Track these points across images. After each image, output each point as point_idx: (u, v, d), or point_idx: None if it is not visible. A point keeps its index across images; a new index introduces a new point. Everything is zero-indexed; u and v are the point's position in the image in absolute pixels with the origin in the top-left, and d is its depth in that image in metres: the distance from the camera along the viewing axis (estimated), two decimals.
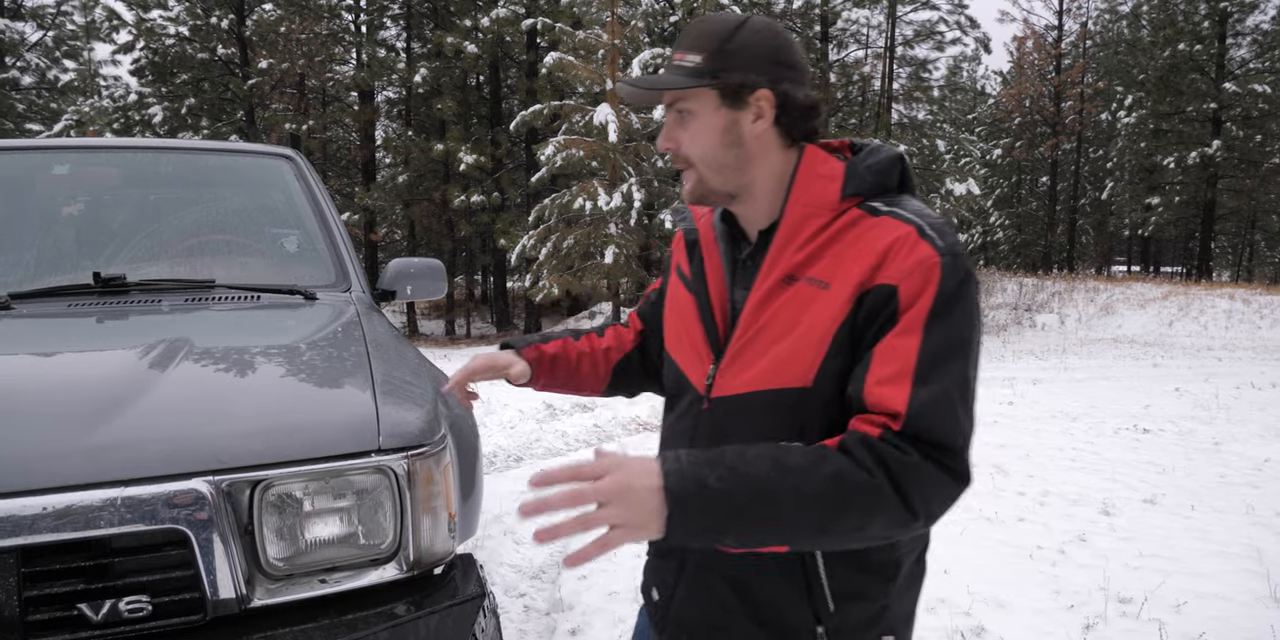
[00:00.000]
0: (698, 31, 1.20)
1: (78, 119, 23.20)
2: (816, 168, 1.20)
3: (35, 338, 1.88)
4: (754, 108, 1.17)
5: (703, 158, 1.20)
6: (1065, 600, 3.62)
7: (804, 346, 1.13)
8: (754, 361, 1.17)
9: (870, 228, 1.13)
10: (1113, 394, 9.55)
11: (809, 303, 1.14)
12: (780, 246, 1.17)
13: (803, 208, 1.18)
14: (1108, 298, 23.75)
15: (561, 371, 1.49)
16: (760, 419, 1.17)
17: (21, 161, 2.83)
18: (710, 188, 1.22)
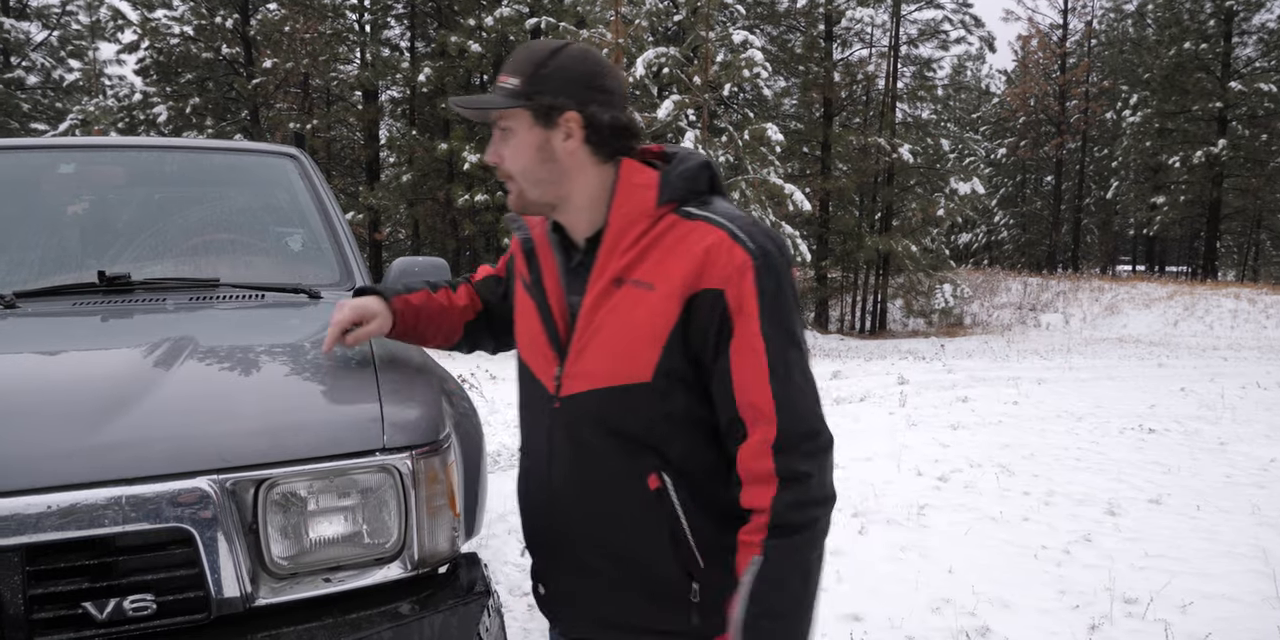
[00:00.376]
0: (518, 56, 1.32)
1: (83, 118, 23.24)
2: (633, 178, 1.32)
3: (40, 336, 1.88)
4: (564, 128, 1.30)
5: (521, 172, 1.33)
6: (1070, 600, 3.61)
7: (639, 345, 1.26)
8: (595, 360, 1.29)
9: (687, 232, 1.26)
10: (1118, 394, 9.53)
11: (637, 303, 1.26)
12: (607, 252, 1.30)
13: (623, 216, 1.29)
14: (1113, 297, 23.71)
15: (422, 323, 1.61)
16: (607, 414, 1.29)
17: (27, 160, 2.83)
18: (529, 199, 1.35)
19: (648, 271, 1.26)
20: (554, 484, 1.38)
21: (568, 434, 1.34)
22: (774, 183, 17.19)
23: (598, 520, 1.34)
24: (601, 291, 1.29)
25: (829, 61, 25.57)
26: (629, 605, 1.35)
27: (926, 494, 5.27)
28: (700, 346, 1.25)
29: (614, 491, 1.32)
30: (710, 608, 1.31)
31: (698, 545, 1.30)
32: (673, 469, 1.29)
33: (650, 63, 17.00)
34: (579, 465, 1.34)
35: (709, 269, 1.22)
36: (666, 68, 17.53)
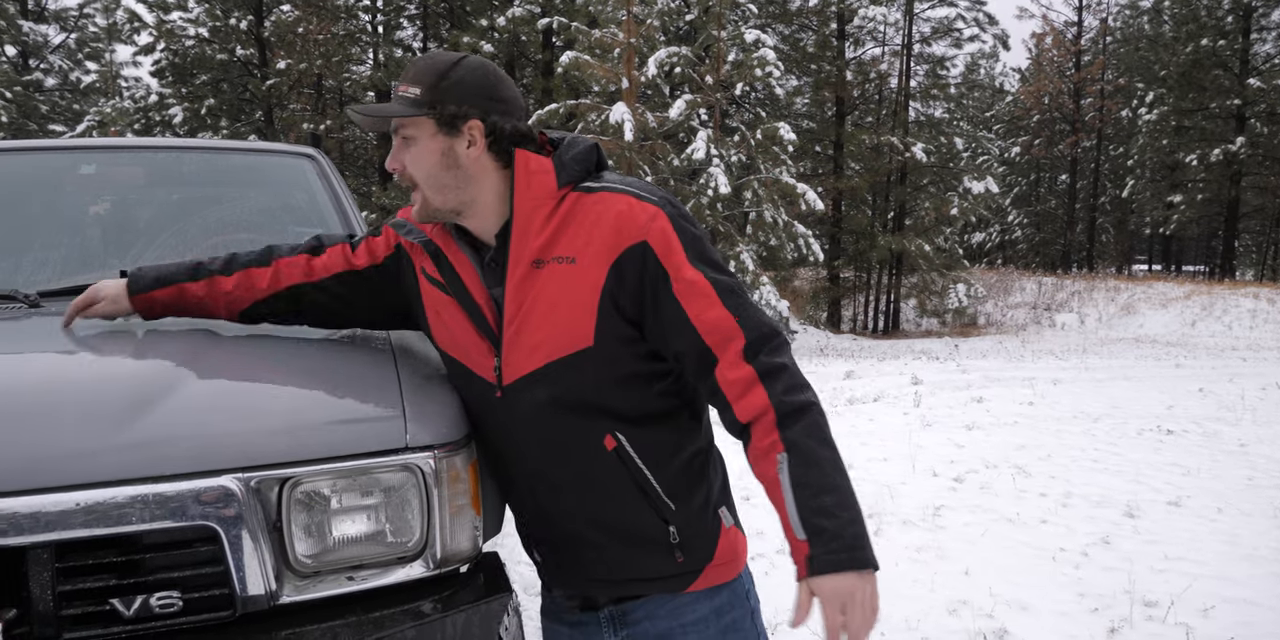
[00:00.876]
0: (419, 67, 1.37)
1: (100, 120, 23.42)
2: (529, 165, 1.38)
3: (64, 335, 1.89)
4: (467, 136, 1.36)
5: (425, 178, 1.38)
6: (1089, 603, 3.59)
7: (575, 314, 1.33)
8: (533, 339, 1.35)
9: (593, 204, 1.34)
10: (1135, 394, 9.47)
11: (563, 277, 1.33)
12: (520, 238, 1.36)
13: (527, 200, 1.36)
14: (1129, 297, 23.55)
15: (178, 314, 1.70)
16: (556, 388, 1.36)
17: (49, 162, 2.85)
18: (434, 206, 1.40)
19: (565, 246, 1.34)
20: (521, 468, 1.46)
21: (519, 418, 1.40)
22: (786, 182, 17.16)
23: (569, 491, 1.42)
24: (523, 276, 1.35)
25: (841, 60, 25.52)
26: (618, 561, 1.44)
27: (942, 495, 5.25)
28: (637, 301, 1.33)
29: (577, 461, 1.40)
30: (690, 543, 1.42)
31: (664, 490, 1.40)
32: (624, 426, 1.37)
33: (662, 62, 17.00)
34: (536, 446, 1.41)
35: (625, 228, 1.32)
36: (678, 67, 17.53)
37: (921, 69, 27.57)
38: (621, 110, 16.33)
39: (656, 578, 1.44)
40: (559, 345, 1.34)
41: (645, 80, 17.33)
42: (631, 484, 1.39)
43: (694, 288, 1.31)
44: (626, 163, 16.72)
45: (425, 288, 1.52)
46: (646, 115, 16.83)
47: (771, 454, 1.30)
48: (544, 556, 1.56)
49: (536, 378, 1.36)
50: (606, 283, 1.32)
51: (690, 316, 1.31)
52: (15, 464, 1.26)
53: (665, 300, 1.32)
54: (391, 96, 1.38)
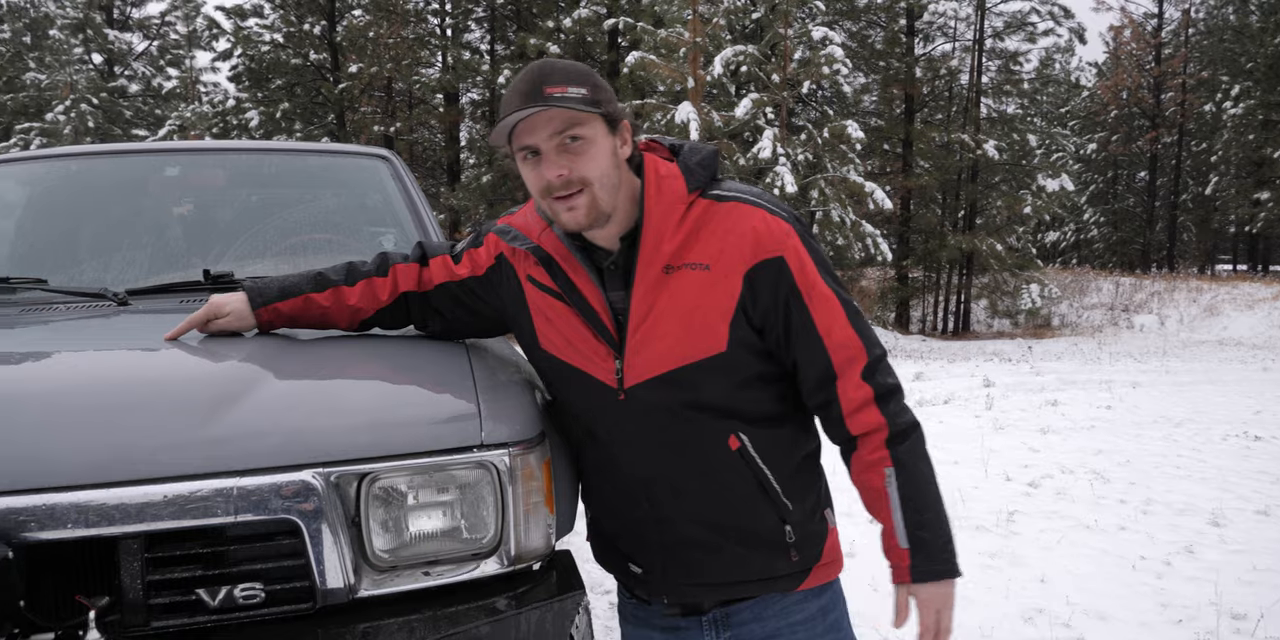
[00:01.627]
0: (567, 69, 1.35)
1: (180, 124, 24.20)
2: (659, 170, 1.40)
3: (153, 332, 1.95)
4: (621, 136, 1.39)
5: (601, 178, 1.35)
6: (1173, 614, 3.47)
7: (708, 320, 1.35)
8: (660, 344, 1.37)
9: (727, 213, 1.37)
10: (1219, 398, 9.13)
11: (696, 283, 1.35)
12: (653, 243, 1.37)
13: (663, 206, 1.37)
14: (1212, 298, 22.73)
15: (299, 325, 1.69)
16: (684, 391, 1.37)
17: (135, 164, 2.95)
18: (602, 208, 1.36)
19: (700, 253, 1.36)
20: (635, 472, 1.46)
21: (641, 421, 1.42)
22: (854, 181, 16.95)
23: (690, 493, 1.44)
24: (653, 281, 1.37)
25: (910, 57, 25.10)
26: (735, 562, 1.46)
27: (1016, 500, 5.13)
28: (768, 312, 1.37)
29: (699, 462, 1.42)
30: (803, 543, 1.47)
31: (782, 490, 1.44)
32: (747, 426, 1.41)
33: (728, 61, 16.93)
34: (658, 448, 1.42)
35: (762, 241, 1.35)
36: (744, 66, 17.43)
37: (994, 64, 26.95)
38: (687, 110, 16.31)
39: (771, 578, 1.48)
40: (692, 350, 1.36)
41: (711, 79, 17.27)
42: (754, 483, 1.42)
43: (827, 305, 1.37)
44: None
45: (532, 294, 1.52)
46: (712, 114, 16.77)
47: (880, 467, 1.39)
48: (646, 566, 1.53)
49: (665, 381, 1.38)
50: (743, 292, 1.35)
51: (821, 333, 1.37)
52: (107, 456, 1.31)
53: (797, 314, 1.37)
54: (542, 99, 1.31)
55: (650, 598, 1.57)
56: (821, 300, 1.37)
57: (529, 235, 1.50)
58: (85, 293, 2.18)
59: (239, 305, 1.68)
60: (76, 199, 2.78)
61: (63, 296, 2.19)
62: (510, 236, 1.53)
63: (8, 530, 1.22)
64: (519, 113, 1.31)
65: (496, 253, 1.59)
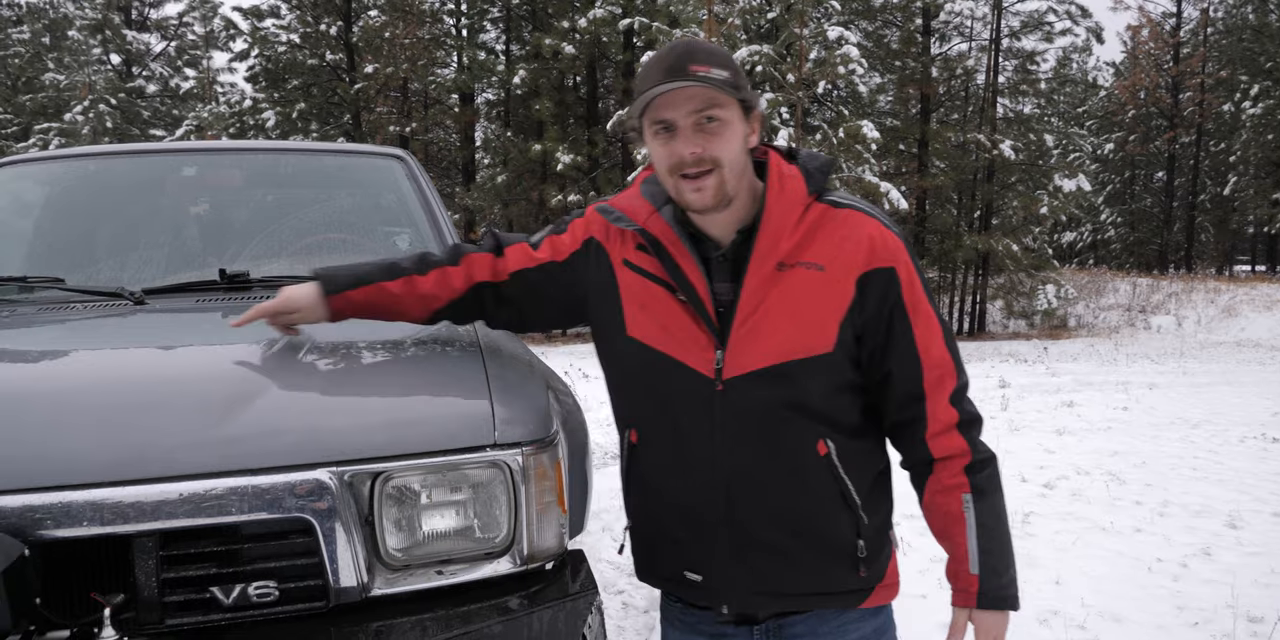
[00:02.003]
0: (712, 50, 1.35)
1: (197, 124, 24.36)
2: (782, 169, 1.41)
3: (169, 331, 1.96)
4: (751, 124, 1.39)
5: (731, 161, 1.35)
6: (1189, 617, 3.44)
7: (821, 319, 1.36)
8: (768, 339, 1.36)
9: (844, 219, 1.40)
10: (1237, 400, 9.05)
11: (809, 283, 1.36)
12: (771, 238, 1.37)
13: (782, 203, 1.38)
14: (1230, 299, 22.53)
15: (368, 314, 1.63)
16: (785, 387, 1.37)
17: (152, 164, 2.97)
18: (728, 191, 1.37)
19: (816, 254, 1.37)
20: (719, 467, 1.41)
21: (736, 414, 1.39)
22: (869, 181, 16.90)
23: (775, 491, 1.41)
24: (766, 276, 1.37)
25: (926, 56, 25.00)
26: (805, 572, 1.44)
27: (1031, 501, 5.10)
28: (872, 320, 1.38)
29: (789, 462, 1.40)
30: (871, 559, 1.45)
31: (861, 502, 1.43)
32: (836, 433, 1.40)
33: (744, 61, 16.89)
34: (750, 443, 1.40)
35: (878, 251, 1.37)
36: (760, 66, 17.40)
37: (1010, 64, 26.79)
38: None
39: (837, 592, 1.47)
40: (799, 347, 1.36)
41: None
42: (836, 491, 1.41)
43: (928, 323, 1.40)
44: None
45: (626, 279, 1.49)
46: None
47: (958, 493, 1.42)
48: (710, 572, 1.47)
49: (768, 375, 1.37)
50: (854, 295, 1.37)
51: (920, 349, 1.39)
52: (123, 455, 1.31)
53: (899, 326, 1.39)
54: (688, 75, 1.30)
55: (710, 604, 1.51)
56: (924, 317, 1.40)
57: (635, 218, 1.47)
58: (102, 292, 2.20)
59: (311, 293, 1.61)
60: (93, 199, 2.80)
61: (79, 295, 2.20)
62: (614, 217, 1.49)
63: (24, 528, 1.23)
64: (663, 85, 1.30)
65: (585, 237, 1.56)
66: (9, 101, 26.87)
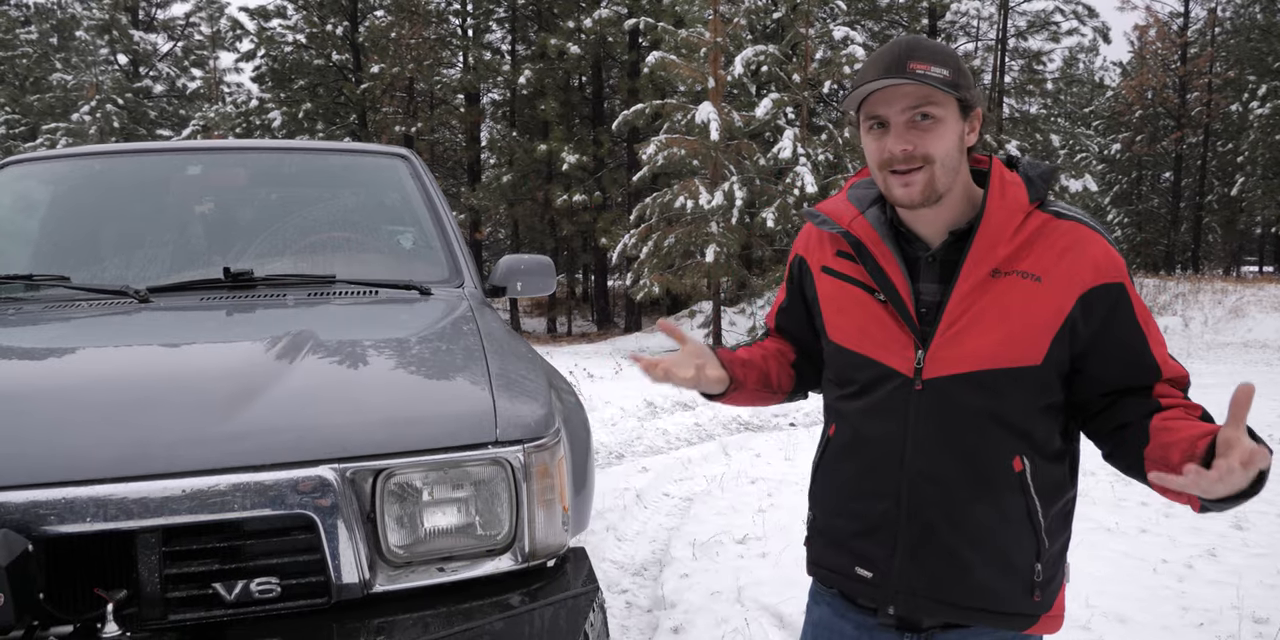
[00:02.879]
0: (934, 48, 1.35)
1: (204, 124, 24.41)
2: (1004, 175, 1.39)
3: (173, 329, 1.97)
4: (971, 123, 1.37)
5: (944, 159, 1.34)
6: (1194, 618, 3.43)
7: (1032, 331, 1.32)
8: (974, 343, 1.34)
9: (1067, 231, 1.36)
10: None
11: (1024, 293, 1.33)
12: (988, 243, 1.35)
13: (1003, 209, 1.36)
14: (1237, 300, 22.46)
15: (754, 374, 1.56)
16: (986, 395, 1.34)
17: (158, 163, 2.98)
18: (937, 187, 1.35)
19: (1034, 264, 1.34)
20: (907, 467, 1.40)
21: (932, 416, 1.37)
22: None
23: (958, 501, 1.38)
24: (979, 280, 1.35)
25: None
26: (979, 586, 1.39)
27: None
28: (1094, 335, 1.34)
29: (980, 472, 1.37)
30: (1046, 586, 1.40)
31: (1046, 524, 1.39)
32: (1034, 452, 1.37)
33: (749, 61, 16.89)
34: (944, 447, 1.38)
35: (1104, 267, 1.33)
36: (765, 66, 17.39)
37: (1016, 64, 26.74)
38: (708, 110, 16.29)
39: (1007, 612, 1.42)
40: (1005, 356, 1.34)
41: (731, 79, 17.25)
42: (1025, 510, 1.37)
43: (1148, 328, 1.37)
44: (713, 162, 16.69)
45: (824, 285, 1.50)
46: (733, 114, 16.74)
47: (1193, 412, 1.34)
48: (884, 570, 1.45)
49: (971, 380, 1.35)
50: (1073, 311, 1.33)
51: (1149, 340, 1.37)
52: (127, 451, 1.32)
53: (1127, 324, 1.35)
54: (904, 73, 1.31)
55: (876, 604, 1.48)
56: (1144, 325, 1.36)
57: (839, 221, 1.48)
58: (107, 290, 2.21)
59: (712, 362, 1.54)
60: (99, 198, 2.81)
61: (85, 294, 2.21)
62: (819, 220, 1.50)
63: (28, 523, 1.24)
64: (877, 82, 1.32)
65: (792, 259, 1.59)
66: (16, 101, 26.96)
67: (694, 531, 4.37)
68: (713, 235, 16.14)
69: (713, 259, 16.02)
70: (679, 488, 5.53)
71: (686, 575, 3.75)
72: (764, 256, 19.08)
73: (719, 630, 3.15)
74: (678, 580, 3.71)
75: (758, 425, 7.60)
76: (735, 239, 16.53)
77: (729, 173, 16.86)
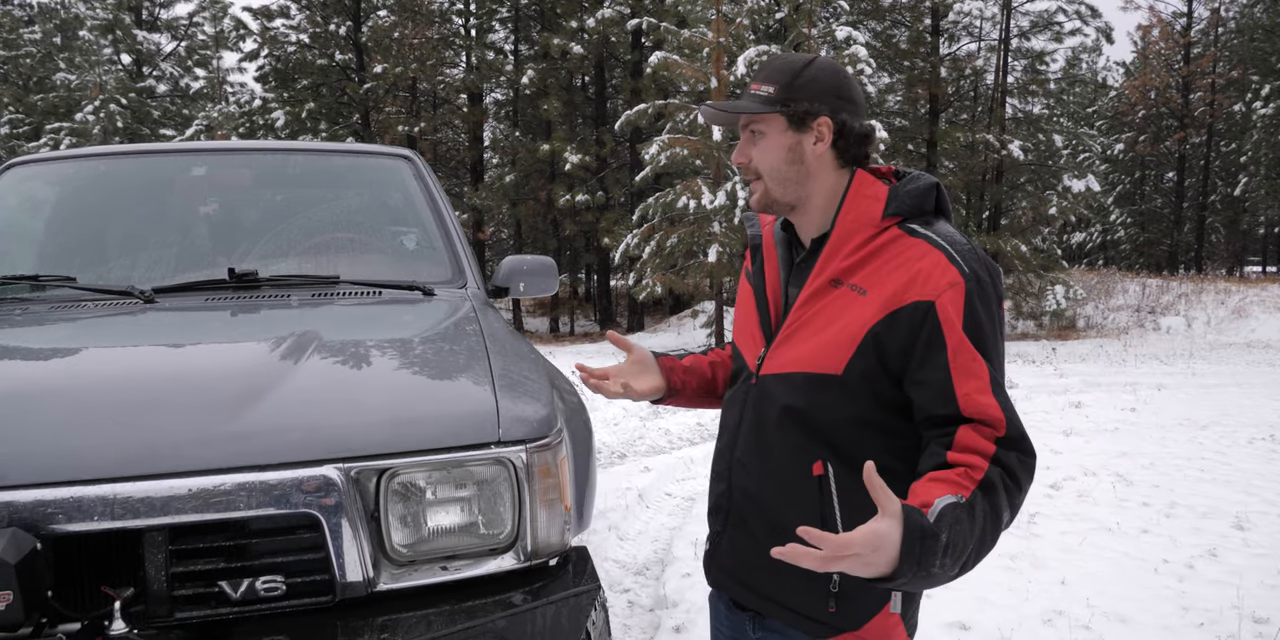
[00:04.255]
0: (773, 67, 1.44)
1: (207, 124, 24.42)
2: (864, 189, 1.41)
3: (178, 329, 1.99)
4: (815, 132, 1.40)
5: (770, 171, 1.43)
6: (1194, 617, 3.44)
7: (840, 340, 1.35)
8: (797, 347, 1.40)
9: (907, 248, 1.35)
10: (1246, 401, 9.01)
11: (848, 305, 1.36)
12: (829, 254, 1.39)
13: (850, 222, 1.39)
14: (1240, 300, 22.43)
15: (694, 381, 1.64)
16: (795, 397, 1.39)
17: (163, 164, 3.00)
18: (773, 198, 1.44)
19: (865, 278, 1.36)
20: (737, 454, 1.49)
21: (756, 409, 1.45)
22: None
23: (766, 491, 1.44)
24: (818, 289, 1.40)
25: (935, 56, 24.91)
26: (777, 577, 1.40)
27: (1037, 502, 5.09)
28: (903, 353, 1.30)
29: (783, 469, 1.42)
30: (846, 598, 1.37)
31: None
32: (837, 460, 1.36)
33: (751, 61, 16.87)
34: (759, 439, 1.45)
35: (920, 284, 1.30)
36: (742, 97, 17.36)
37: (1019, 64, 26.69)
38: None
39: (800, 613, 1.42)
40: (813, 362, 1.37)
41: (734, 79, 17.24)
42: (819, 514, 1.36)
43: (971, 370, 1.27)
44: (715, 162, 16.69)
45: (741, 282, 1.60)
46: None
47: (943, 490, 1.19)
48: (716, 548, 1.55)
49: (784, 380, 1.41)
50: (877, 324, 1.31)
51: (957, 391, 1.27)
52: (134, 451, 1.34)
53: (935, 363, 1.28)
54: (743, 95, 1.45)
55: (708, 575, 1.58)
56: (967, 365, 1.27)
57: (762, 224, 1.59)
58: (112, 290, 2.22)
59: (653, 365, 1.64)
60: (104, 199, 2.83)
61: (90, 294, 2.23)
62: (750, 223, 1.61)
63: (36, 522, 1.25)
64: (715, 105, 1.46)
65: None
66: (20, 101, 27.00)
67: (696, 531, 4.39)
68: (715, 235, 16.15)
69: (715, 259, 16.03)
70: (681, 487, 5.54)
71: (689, 574, 3.76)
72: None
73: None
74: (680, 579, 3.72)
75: None
76: (737, 239, 16.53)
77: (731, 173, 16.86)
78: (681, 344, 18.52)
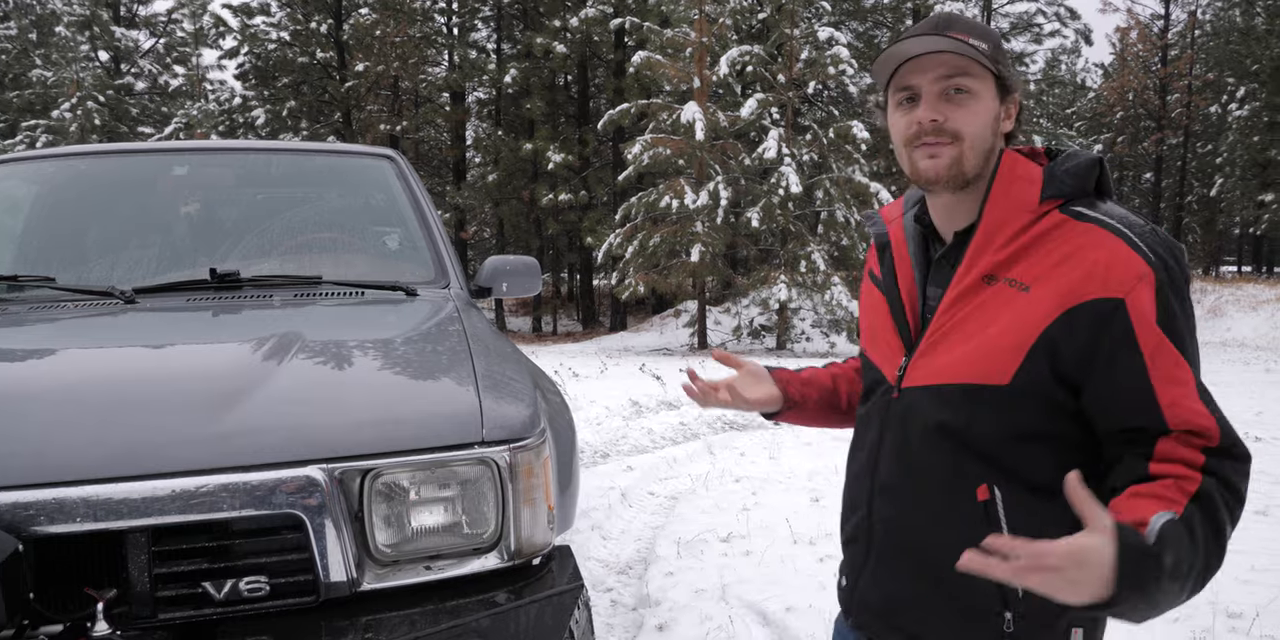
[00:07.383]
0: (972, 23, 1.23)
1: (186, 122, 24.24)
2: (1015, 170, 1.23)
3: (159, 330, 1.98)
4: (1008, 107, 1.25)
5: (974, 136, 1.21)
6: (1170, 613, 3.48)
7: (1003, 346, 1.16)
8: (946, 355, 1.22)
9: (1076, 234, 1.16)
10: (1221, 400, 9.10)
11: (1008, 303, 1.17)
12: (979, 246, 1.21)
13: (1002, 209, 1.21)
14: (1215, 299, 22.68)
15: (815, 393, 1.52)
16: (949, 411, 1.21)
17: (143, 163, 2.98)
18: (965, 167, 1.22)
19: (1025, 271, 1.17)
20: (879, 477, 1.31)
21: (900, 427, 1.28)
22: (859, 181, 16.96)
23: (915, 520, 1.27)
24: (968, 287, 1.22)
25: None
26: (933, 621, 1.26)
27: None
28: (1082, 358, 1.13)
29: (938, 495, 1.24)
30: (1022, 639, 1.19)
31: None
32: (1005, 482, 1.19)
33: (734, 61, 16.93)
34: (904, 461, 1.27)
35: (1101, 277, 1.12)
36: (750, 66, 17.44)
37: None
38: (693, 109, 16.33)
39: None
40: (971, 372, 1.19)
41: (717, 79, 17.29)
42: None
43: (1174, 375, 1.11)
44: (698, 162, 16.71)
45: (864, 288, 1.43)
46: (718, 114, 16.78)
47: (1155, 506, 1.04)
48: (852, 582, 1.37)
49: (934, 393, 1.23)
50: (1050, 328, 1.13)
51: (1160, 402, 1.10)
52: (115, 452, 1.33)
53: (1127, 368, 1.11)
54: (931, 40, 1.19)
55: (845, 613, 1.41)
56: (1169, 372, 1.11)
57: (886, 221, 1.41)
58: (93, 291, 2.21)
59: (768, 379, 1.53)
60: (84, 198, 2.81)
61: (70, 294, 2.21)
62: (872, 222, 1.43)
63: (17, 524, 1.25)
64: (915, 40, 1.20)
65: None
66: None
67: (679, 530, 4.40)
68: (698, 235, 16.18)
69: (698, 258, 16.06)
70: (664, 486, 5.56)
71: (671, 573, 3.78)
72: (749, 256, 19.14)
73: (703, 628, 3.18)
74: (662, 578, 3.73)
75: (742, 425, 7.63)
76: (720, 239, 16.58)
77: (714, 172, 16.90)
78: (664, 343, 18.55)
